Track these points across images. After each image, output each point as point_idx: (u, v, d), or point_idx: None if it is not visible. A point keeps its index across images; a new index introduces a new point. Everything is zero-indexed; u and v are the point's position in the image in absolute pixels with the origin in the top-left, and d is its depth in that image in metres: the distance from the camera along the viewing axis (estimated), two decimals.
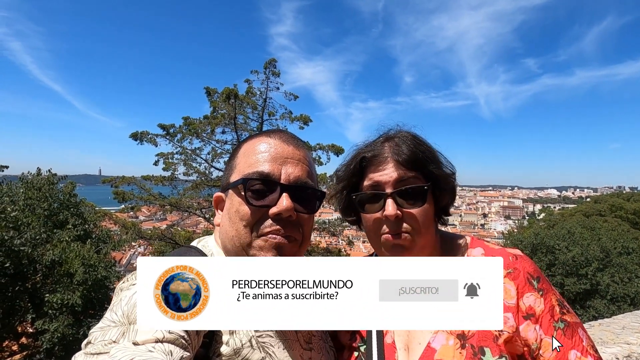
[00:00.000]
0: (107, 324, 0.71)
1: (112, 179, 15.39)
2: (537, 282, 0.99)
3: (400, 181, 1.04)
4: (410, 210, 1.03)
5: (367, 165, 1.10)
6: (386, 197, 1.04)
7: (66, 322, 9.80)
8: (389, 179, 1.05)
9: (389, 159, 1.07)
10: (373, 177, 1.07)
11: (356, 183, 1.14)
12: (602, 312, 16.17)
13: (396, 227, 1.04)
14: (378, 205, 1.06)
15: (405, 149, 1.06)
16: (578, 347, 0.94)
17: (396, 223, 1.03)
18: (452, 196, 1.14)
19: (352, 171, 1.13)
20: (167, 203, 14.86)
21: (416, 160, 1.05)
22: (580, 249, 18.13)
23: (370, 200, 1.08)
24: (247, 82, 15.28)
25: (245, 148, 1.02)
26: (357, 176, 1.12)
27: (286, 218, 0.93)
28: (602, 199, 36.25)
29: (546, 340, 0.95)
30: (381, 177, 1.06)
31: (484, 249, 1.11)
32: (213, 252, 1.03)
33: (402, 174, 1.04)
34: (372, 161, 1.09)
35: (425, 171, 1.07)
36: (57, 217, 11.66)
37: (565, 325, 0.95)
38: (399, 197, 1.03)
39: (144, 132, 14.91)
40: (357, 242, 26.13)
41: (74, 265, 10.09)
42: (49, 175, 12.14)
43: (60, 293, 9.79)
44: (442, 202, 1.12)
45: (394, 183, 1.04)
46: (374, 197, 1.07)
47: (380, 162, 1.07)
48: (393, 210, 1.02)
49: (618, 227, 26.25)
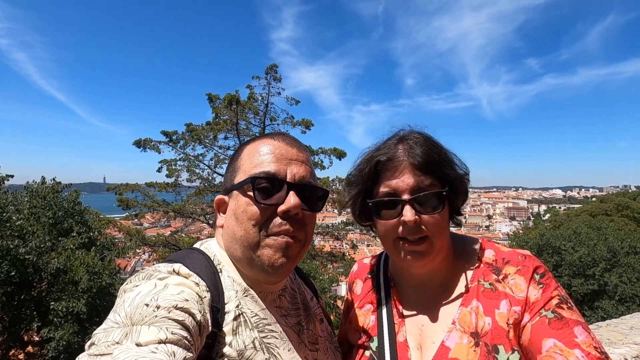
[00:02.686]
0: (110, 325, 0.70)
1: (116, 187, 15.48)
2: (541, 277, 1.00)
3: (417, 187, 1.03)
4: (428, 216, 1.03)
5: (382, 170, 1.08)
6: (404, 203, 1.02)
7: (71, 330, 9.79)
8: (406, 186, 1.03)
9: (404, 163, 1.05)
10: (390, 184, 1.05)
11: (370, 187, 1.12)
12: (610, 313, 15.95)
13: (414, 233, 1.03)
14: (395, 212, 1.04)
15: (420, 151, 1.04)
16: (564, 339, 0.89)
17: (415, 229, 1.03)
18: (465, 197, 1.14)
19: (367, 176, 1.10)
20: (170, 209, 14.92)
21: (432, 163, 1.04)
22: (586, 249, 17.95)
23: (387, 207, 1.06)
24: (248, 87, 15.40)
25: (249, 150, 1.02)
26: (372, 180, 1.11)
27: (293, 216, 0.94)
28: (608, 199, 35.94)
29: (528, 325, 0.95)
30: (398, 184, 1.04)
31: (495, 252, 1.12)
32: (216, 254, 1.02)
33: (419, 180, 1.03)
34: (387, 165, 1.07)
35: (441, 175, 1.05)
36: (61, 225, 11.70)
37: (555, 316, 0.93)
38: (417, 204, 1.03)
39: (147, 139, 15.01)
40: (361, 245, 26.02)
41: (79, 273, 10.10)
42: (54, 184, 12.20)
43: (65, 301, 9.80)
44: (456, 204, 1.12)
45: (412, 189, 1.03)
46: (391, 203, 1.05)
47: (396, 167, 1.06)
48: (412, 216, 1.01)
49: (625, 226, 26.00)
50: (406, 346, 1.08)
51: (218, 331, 0.87)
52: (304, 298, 1.17)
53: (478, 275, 1.08)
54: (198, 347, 0.78)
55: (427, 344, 1.06)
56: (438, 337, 1.04)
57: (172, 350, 0.67)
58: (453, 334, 1.02)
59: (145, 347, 0.65)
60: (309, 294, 1.22)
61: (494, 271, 1.07)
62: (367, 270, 1.34)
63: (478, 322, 1.00)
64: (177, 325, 0.72)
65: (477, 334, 0.99)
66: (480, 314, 1.01)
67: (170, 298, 0.76)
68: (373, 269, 1.32)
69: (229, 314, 0.91)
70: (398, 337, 1.10)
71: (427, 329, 1.08)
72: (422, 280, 1.16)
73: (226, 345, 0.87)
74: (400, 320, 1.13)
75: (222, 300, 0.91)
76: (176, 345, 0.69)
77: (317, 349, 1.08)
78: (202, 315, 0.80)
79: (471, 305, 1.04)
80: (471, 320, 1.01)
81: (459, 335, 1.01)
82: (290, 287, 1.14)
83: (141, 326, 0.69)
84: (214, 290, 0.90)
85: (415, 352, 1.06)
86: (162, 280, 0.82)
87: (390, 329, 1.11)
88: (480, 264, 1.10)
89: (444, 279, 1.13)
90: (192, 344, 0.74)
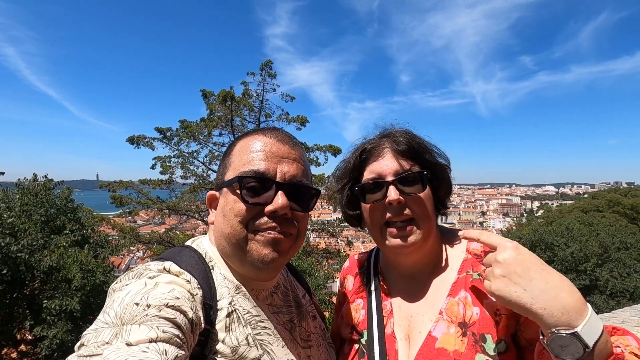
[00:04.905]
0: (100, 325, 0.69)
1: (109, 184, 15.31)
2: None
3: (400, 169, 1.08)
4: (411, 196, 1.07)
5: (367, 158, 1.14)
6: (388, 184, 1.07)
7: (65, 328, 9.71)
8: (390, 169, 1.09)
9: (387, 149, 1.12)
10: (374, 168, 1.12)
11: (357, 177, 1.17)
12: (601, 308, 16.20)
13: (399, 213, 1.06)
14: (380, 194, 1.09)
15: (403, 139, 1.11)
16: None
17: (399, 209, 1.06)
18: (448, 187, 1.17)
19: (353, 165, 1.16)
20: (165, 207, 14.80)
21: (413, 149, 1.11)
22: (578, 245, 18.19)
23: (372, 190, 1.11)
24: (243, 84, 15.28)
25: (240, 146, 1.01)
26: (358, 169, 1.16)
27: (281, 216, 0.93)
28: (600, 195, 36.42)
29: (520, 317, 0.97)
30: (382, 167, 1.10)
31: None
32: (207, 251, 1.02)
33: (401, 163, 1.09)
34: (371, 153, 1.14)
35: (422, 160, 1.12)
36: (54, 222, 11.57)
37: None
38: (400, 184, 1.07)
39: (140, 136, 14.85)
40: (356, 242, 26.12)
41: (72, 271, 10.01)
42: (46, 181, 12.04)
43: (58, 299, 9.71)
44: (439, 191, 1.16)
45: (395, 172, 1.08)
46: (376, 186, 1.10)
47: (380, 154, 1.12)
48: (396, 195, 1.05)
49: (616, 222, 26.35)
50: (393, 338, 1.10)
51: (211, 328, 0.87)
52: (296, 295, 1.17)
53: (467, 266, 1.10)
54: (191, 345, 0.77)
55: (414, 334, 1.07)
56: (425, 328, 1.06)
57: (163, 349, 0.66)
58: (440, 323, 1.03)
59: (136, 347, 0.64)
60: (301, 291, 1.22)
61: (482, 262, 1.08)
62: (358, 266, 1.36)
63: (466, 312, 1.01)
64: (168, 324, 0.71)
65: (464, 323, 1.00)
66: (468, 304, 1.02)
67: (161, 296, 0.75)
68: (364, 264, 1.34)
69: (221, 311, 0.90)
70: (386, 329, 1.12)
71: (415, 319, 1.10)
72: (410, 272, 1.17)
73: (219, 342, 0.86)
74: (389, 313, 1.15)
75: (214, 297, 0.91)
76: (168, 344, 0.68)
77: (309, 345, 1.08)
78: (194, 312, 0.80)
79: (459, 296, 1.05)
80: (459, 311, 1.02)
81: (446, 325, 1.02)
82: (283, 284, 1.13)
83: (131, 325, 0.68)
84: (206, 288, 0.89)
85: (403, 343, 1.08)
86: (153, 278, 0.81)
87: (379, 322, 1.13)
88: (469, 255, 1.12)
89: (433, 271, 1.15)
90: (184, 342, 0.73)
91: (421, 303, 1.12)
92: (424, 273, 1.15)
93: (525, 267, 0.83)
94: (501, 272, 0.86)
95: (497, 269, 0.87)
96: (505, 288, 0.84)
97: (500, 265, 0.86)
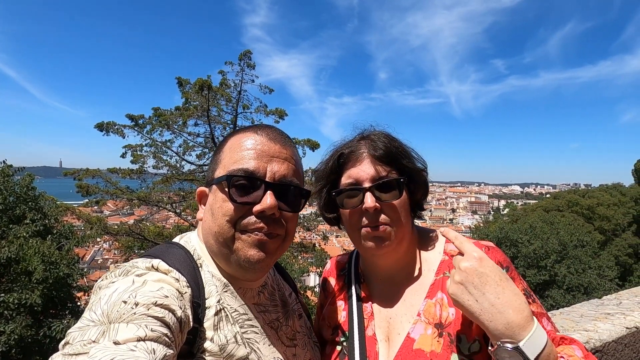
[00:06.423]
0: (86, 323, 0.67)
1: (75, 172, 14.54)
2: (507, 270, 1.03)
3: (377, 176, 1.08)
4: (387, 203, 1.07)
5: (345, 162, 1.14)
6: (365, 191, 1.08)
7: (24, 323, 9.23)
8: (367, 174, 1.09)
9: (365, 154, 1.11)
10: (351, 174, 1.11)
11: (335, 180, 1.17)
12: (559, 302, 17.28)
13: (375, 219, 1.07)
14: (357, 200, 1.09)
15: (381, 144, 1.11)
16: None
17: (375, 215, 1.07)
18: (425, 190, 1.19)
19: (331, 169, 1.16)
20: (135, 197, 14.26)
21: (391, 155, 1.11)
22: (540, 242, 19.26)
23: (350, 196, 1.11)
24: (221, 73, 14.90)
25: (231, 143, 0.99)
26: (336, 173, 1.16)
27: (269, 216, 0.92)
28: (560, 195, 38.44)
29: None
30: (359, 173, 1.10)
31: None
32: (196, 248, 1.00)
33: (378, 169, 1.09)
34: (349, 157, 1.13)
35: (399, 165, 1.12)
36: (13, 211, 10.91)
37: None
38: (377, 190, 1.08)
39: (110, 123, 14.19)
40: (331, 236, 26.32)
41: (33, 263, 9.50)
42: (4, 167, 11.33)
43: (17, 292, 9.21)
44: (416, 195, 1.17)
45: (372, 178, 1.08)
46: (353, 192, 1.10)
47: (358, 158, 1.12)
48: (372, 202, 1.05)
49: (574, 221, 27.98)
50: (374, 339, 1.11)
51: (199, 327, 0.85)
52: (283, 294, 1.17)
53: (443, 267, 1.12)
54: (179, 343, 0.76)
55: (394, 335, 1.09)
56: (404, 329, 1.08)
57: (151, 348, 0.65)
58: (418, 325, 1.05)
59: (124, 345, 0.62)
60: (287, 290, 1.22)
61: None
62: (338, 268, 1.37)
63: (442, 313, 1.04)
64: (156, 322, 0.70)
65: (441, 324, 1.02)
66: (444, 305, 1.05)
67: (149, 295, 0.73)
68: (344, 267, 1.35)
69: (210, 309, 0.89)
70: (367, 331, 1.13)
71: (395, 321, 1.12)
72: (389, 273, 1.19)
73: (207, 340, 0.85)
74: (369, 315, 1.16)
75: (202, 295, 0.89)
76: (156, 343, 0.67)
77: (295, 344, 1.09)
78: (183, 311, 0.78)
79: (436, 297, 1.07)
80: (435, 312, 1.05)
81: (423, 327, 1.04)
82: (270, 284, 1.13)
83: (119, 324, 0.66)
84: (194, 286, 0.88)
85: (383, 345, 1.10)
86: (141, 276, 0.79)
87: (360, 324, 1.14)
88: (446, 257, 1.14)
89: (411, 272, 1.17)
90: (173, 341, 0.72)
91: (400, 305, 1.13)
92: (402, 275, 1.17)
93: (483, 280, 0.87)
94: (460, 279, 0.89)
95: (457, 275, 0.90)
96: (460, 295, 0.89)
97: (461, 272, 0.90)
